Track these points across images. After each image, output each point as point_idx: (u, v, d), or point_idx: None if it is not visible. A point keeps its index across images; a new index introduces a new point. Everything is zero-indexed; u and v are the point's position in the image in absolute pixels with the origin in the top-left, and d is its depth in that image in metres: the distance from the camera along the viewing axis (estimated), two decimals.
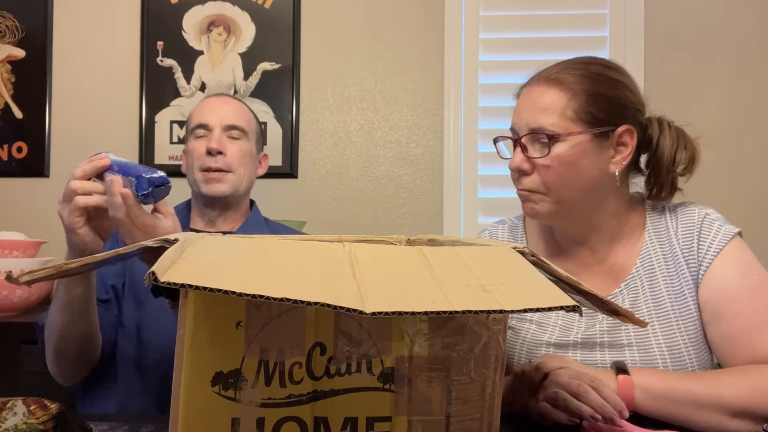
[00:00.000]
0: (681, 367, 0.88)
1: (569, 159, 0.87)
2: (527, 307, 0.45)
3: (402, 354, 0.51)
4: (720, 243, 0.89)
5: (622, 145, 0.90)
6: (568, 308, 0.46)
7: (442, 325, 0.51)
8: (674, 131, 0.94)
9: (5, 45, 2.02)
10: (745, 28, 1.94)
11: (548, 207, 0.91)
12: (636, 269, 0.94)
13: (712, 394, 0.79)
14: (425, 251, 0.54)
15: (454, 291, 0.46)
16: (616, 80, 0.90)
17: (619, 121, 0.89)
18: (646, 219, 0.97)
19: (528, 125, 0.89)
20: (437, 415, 0.52)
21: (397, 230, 1.98)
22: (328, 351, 0.50)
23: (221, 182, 1.18)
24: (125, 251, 0.53)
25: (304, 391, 0.49)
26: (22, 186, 2.03)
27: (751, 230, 1.91)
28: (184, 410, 0.47)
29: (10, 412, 0.62)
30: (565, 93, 0.88)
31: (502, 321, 0.54)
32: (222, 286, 0.39)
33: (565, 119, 0.87)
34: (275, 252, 0.49)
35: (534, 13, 1.96)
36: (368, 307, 0.40)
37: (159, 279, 0.39)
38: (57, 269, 0.54)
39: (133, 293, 1.12)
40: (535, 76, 0.94)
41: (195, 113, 1.24)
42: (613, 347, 0.91)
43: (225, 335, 0.47)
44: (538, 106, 0.89)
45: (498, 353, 0.53)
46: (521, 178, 0.92)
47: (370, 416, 0.51)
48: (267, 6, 2.01)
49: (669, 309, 0.90)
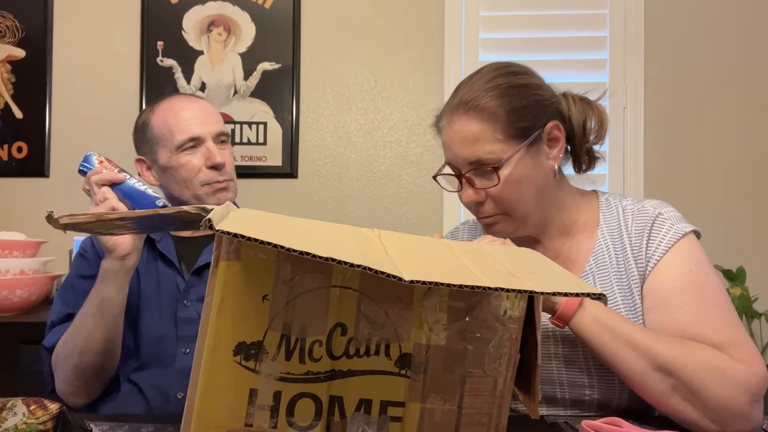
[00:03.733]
0: None
1: (517, 177, 0.90)
2: (556, 290, 0.46)
3: (420, 341, 0.52)
4: (670, 241, 0.89)
5: (554, 140, 0.93)
6: (594, 296, 0.47)
7: (461, 317, 0.52)
8: (579, 102, 0.95)
9: (5, 45, 2.02)
10: (745, 28, 1.94)
11: (513, 224, 0.94)
12: (589, 266, 0.94)
13: (646, 342, 0.79)
14: (448, 243, 0.55)
15: (484, 273, 0.47)
16: (525, 85, 0.92)
17: (543, 121, 0.91)
18: (599, 217, 0.97)
19: (466, 160, 0.91)
20: (450, 404, 0.53)
21: (397, 230, 1.97)
22: (349, 332, 0.51)
23: (227, 191, 1.18)
24: (165, 212, 0.54)
25: (323, 369, 0.50)
26: (22, 186, 2.02)
27: (749, 227, 1.92)
28: (204, 376, 0.48)
29: (10, 412, 0.62)
30: (487, 118, 0.89)
31: (518, 321, 0.54)
32: (271, 239, 0.40)
33: (498, 143, 0.89)
34: (312, 227, 0.50)
35: (534, 13, 1.96)
36: (406, 276, 0.41)
37: (214, 226, 0.41)
38: (97, 216, 0.55)
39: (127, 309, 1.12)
40: (449, 106, 0.94)
41: (177, 126, 1.14)
42: (566, 341, 0.91)
43: (251, 307, 0.48)
44: (467, 139, 0.90)
45: (511, 353, 0.54)
46: (479, 207, 0.94)
47: (384, 399, 0.52)
48: (267, 6, 2.01)
49: (620, 305, 0.90)
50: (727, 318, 0.84)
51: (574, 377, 0.91)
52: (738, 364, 0.78)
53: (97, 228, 0.58)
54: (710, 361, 0.78)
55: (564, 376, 0.91)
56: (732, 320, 0.84)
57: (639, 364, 0.79)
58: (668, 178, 1.94)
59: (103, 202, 0.98)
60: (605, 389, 0.90)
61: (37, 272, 1.66)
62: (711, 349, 0.80)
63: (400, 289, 0.51)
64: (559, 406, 0.93)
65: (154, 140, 1.17)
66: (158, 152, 1.17)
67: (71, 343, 1.00)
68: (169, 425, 0.76)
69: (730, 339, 0.81)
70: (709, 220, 1.87)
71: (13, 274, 1.59)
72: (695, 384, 0.77)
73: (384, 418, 0.52)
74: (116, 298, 1.00)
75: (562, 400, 0.92)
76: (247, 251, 0.48)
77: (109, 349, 1.02)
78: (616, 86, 1.93)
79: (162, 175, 1.18)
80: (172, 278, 1.14)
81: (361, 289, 0.50)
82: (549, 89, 0.95)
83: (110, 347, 1.02)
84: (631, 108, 1.94)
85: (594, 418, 0.75)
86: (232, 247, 0.48)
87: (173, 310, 1.11)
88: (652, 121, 1.95)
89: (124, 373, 1.09)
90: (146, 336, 1.10)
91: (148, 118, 1.19)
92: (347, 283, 0.50)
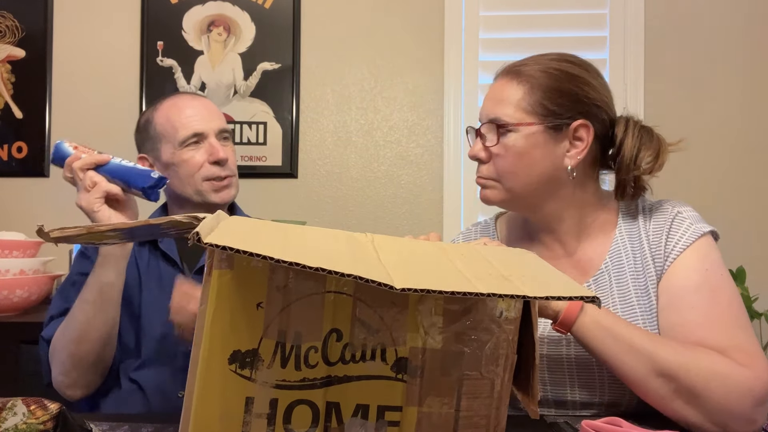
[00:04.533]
0: None
1: (521, 149, 0.90)
2: (549, 295, 0.46)
3: (416, 345, 0.52)
4: (688, 240, 0.89)
5: (578, 140, 0.92)
6: (587, 299, 0.47)
7: (457, 319, 0.52)
8: (638, 130, 0.94)
9: (5, 45, 2.02)
10: (745, 27, 1.94)
11: (499, 194, 0.95)
12: (605, 265, 0.94)
13: (648, 346, 0.79)
14: (443, 246, 0.55)
15: (477, 278, 0.47)
16: (576, 75, 0.92)
17: (574, 115, 0.90)
18: (618, 217, 0.97)
19: (487, 115, 0.93)
20: (447, 407, 0.53)
21: (397, 230, 1.98)
22: (344, 338, 0.50)
23: (230, 187, 1.18)
24: (156, 222, 0.54)
25: (319, 375, 0.50)
26: (22, 186, 2.02)
27: (749, 227, 1.92)
28: (200, 385, 0.48)
29: (10, 412, 0.62)
30: (522, 85, 0.91)
31: (514, 322, 0.54)
32: (261, 251, 0.40)
33: (520, 110, 0.90)
34: (303, 234, 0.50)
35: (534, 13, 1.96)
36: (398, 283, 0.41)
37: (202, 240, 0.40)
38: (88, 229, 0.54)
39: (129, 307, 1.13)
40: (504, 67, 0.97)
41: (180, 122, 1.16)
42: (577, 343, 0.91)
43: (245, 315, 0.48)
44: (497, 97, 0.93)
45: (508, 354, 0.54)
46: (479, 166, 0.96)
47: (381, 404, 0.52)
48: (267, 6, 2.01)
49: (635, 305, 0.90)
50: (736, 321, 0.83)
51: (584, 380, 0.91)
52: (742, 369, 0.78)
53: (89, 239, 0.58)
54: (713, 366, 0.78)
55: (575, 379, 0.91)
56: (742, 323, 0.84)
57: (641, 368, 0.79)
58: (668, 178, 1.92)
59: (94, 187, 0.97)
60: (615, 392, 0.89)
61: (37, 272, 1.67)
62: (715, 353, 0.80)
63: (394, 294, 0.50)
64: (569, 408, 0.93)
65: (157, 137, 1.18)
66: (161, 149, 1.17)
67: (68, 332, 1.00)
68: (169, 425, 0.77)
69: (736, 342, 0.81)
70: (709, 220, 1.86)
71: (13, 274, 1.60)
72: (697, 389, 0.76)
73: (381, 422, 0.52)
74: (116, 282, 1.00)
75: (572, 403, 0.92)
76: (239, 260, 0.48)
77: (106, 338, 1.01)
78: (616, 86, 1.93)
79: (164, 172, 1.19)
80: (174, 278, 1.14)
81: (355, 294, 0.50)
82: (601, 94, 0.93)
83: (107, 335, 1.01)
84: (631, 108, 1.93)
85: (595, 419, 0.75)
86: (224, 256, 0.47)
87: None
88: (652, 121, 1.94)
89: (125, 371, 1.09)
90: (148, 335, 1.10)
91: (151, 116, 1.20)
92: (342, 288, 0.50)
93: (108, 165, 0.99)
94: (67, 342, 1.00)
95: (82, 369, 1.02)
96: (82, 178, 0.98)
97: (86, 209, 0.98)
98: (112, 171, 0.98)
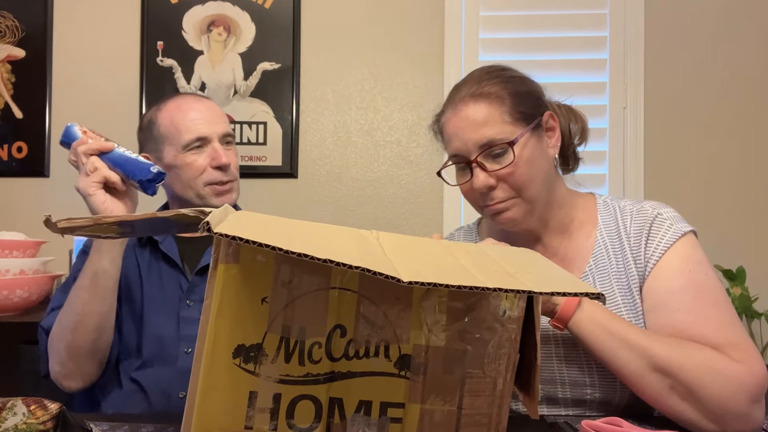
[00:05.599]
0: None
1: (528, 157, 0.91)
2: (555, 290, 0.46)
3: (419, 342, 0.52)
4: (669, 241, 0.89)
5: (551, 130, 0.97)
6: (592, 295, 0.47)
7: (460, 317, 0.52)
8: (563, 108, 1.02)
9: (5, 45, 2.02)
10: (745, 27, 1.94)
11: (521, 208, 0.93)
12: (589, 267, 0.95)
13: (643, 343, 0.80)
14: (447, 243, 0.55)
15: (483, 274, 0.47)
16: (521, 76, 0.97)
17: (541, 110, 0.95)
18: (597, 216, 0.98)
19: (477, 144, 0.91)
20: (449, 405, 0.53)
21: (397, 230, 1.98)
22: (348, 334, 0.51)
23: (231, 192, 1.18)
24: (164, 215, 0.54)
25: (322, 371, 0.50)
26: (22, 186, 2.02)
27: (749, 227, 1.92)
28: (204, 379, 0.48)
29: (10, 412, 0.62)
30: (494, 102, 0.92)
31: (517, 321, 0.54)
32: (269, 241, 0.40)
33: (507, 124, 0.91)
34: (310, 229, 0.50)
35: (534, 13, 1.96)
36: (405, 277, 0.41)
37: (212, 229, 0.41)
38: (94, 220, 0.55)
39: (130, 307, 1.12)
40: (450, 102, 0.96)
41: (184, 125, 1.15)
42: (567, 341, 0.91)
43: (250, 309, 0.49)
44: (477, 122, 0.91)
45: (511, 353, 0.54)
46: (490, 193, 0.93)
47: (384, 401, 0.52)
48: (267, 6, 2.01)
49: (620, 305, 0.91)
50: (725, 318, 0.84)
51: (575, 377, 0.91)
52: (736, 364, 0.78)
53: (95, 231, 0.58)
54: (708, 362, 0.78)
55: (565, 376, 0.92)
56: (731, 320, 0.84)
57: (636, 365, 0.79)
58: (668, 178, 1.93)
59: (94, 172, 0.98)
60: (606, 388, 0.90)
61: (37, 272, 1.66)
62: (709, 349, 0.80)
63: (399, 291, 0.51)
64: (560, 405, 0.93)
65: (160, 138, 1.17)
66: (164, 150, 1.17)
67: (65, 321, 1.00)
68: (169, 425, 0.76)
69: (728, 339, 0.81)
70: (709, 220, 1.87)
71: (13, 274, 1.59)
72: (693, 384, 0.77)
73: (384, 419, 0.52)
74: (111, 270, 1.00)
75: (563, 399, 0.92)
76: (245, 254, 0.48)
77: (101, 326, 1.01)
78: (616, 86, 1.93)
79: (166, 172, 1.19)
80: (175, 278, 1.14)
81: (360, 291, 0.50)
82: (540, 86, 0.99)
83: (103, 323, 1.01)
84: (631, 108, 1.94)
85: (595, 418, 0.75)
86: (230, 249, 0.47)
87: (176, 310, 1.12)
88: (652, 121, 1.95)
89: (126, 371, 1.09)
90: (149, 335, 1.10)
91: (154, 116, 1.19)
92: (346, 284, 0.50)
93: (111, 153, 1.01)
94: (63, 331, 1.00)
95: (78, 359, 1.02)
96: (84, 163, 0.99)
97: (82, 192, 0.99)
98: (114, 159, 1.00)
